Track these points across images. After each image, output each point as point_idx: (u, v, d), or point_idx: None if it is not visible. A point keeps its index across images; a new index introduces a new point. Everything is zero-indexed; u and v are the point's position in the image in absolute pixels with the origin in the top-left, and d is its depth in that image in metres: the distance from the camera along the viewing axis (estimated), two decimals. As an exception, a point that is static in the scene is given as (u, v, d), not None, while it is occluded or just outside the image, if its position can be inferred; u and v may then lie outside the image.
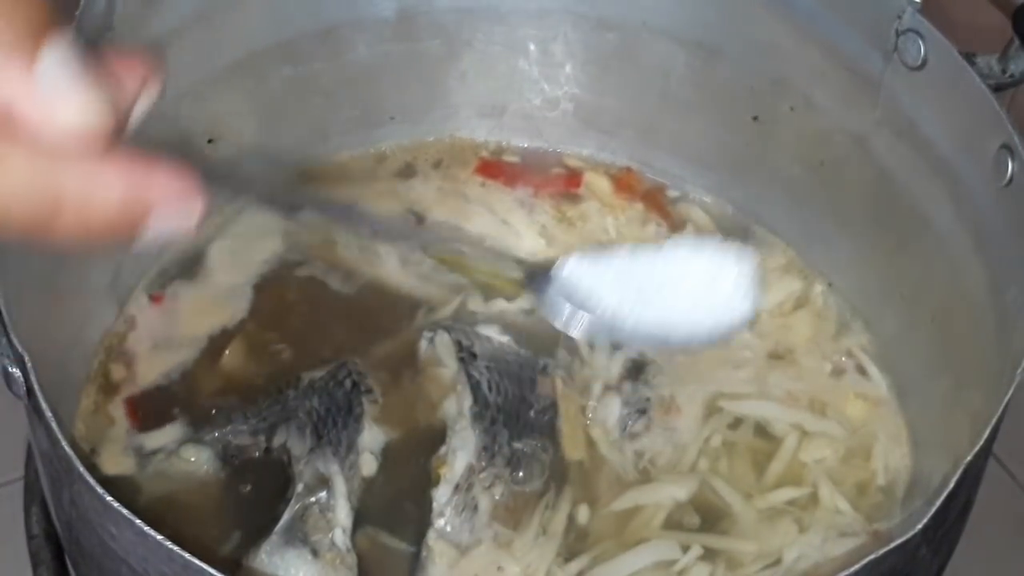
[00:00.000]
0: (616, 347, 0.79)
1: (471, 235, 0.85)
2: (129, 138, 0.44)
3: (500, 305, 0.81)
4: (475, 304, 0.81)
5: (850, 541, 0.71)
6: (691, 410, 0.76)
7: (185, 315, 0.79)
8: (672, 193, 0.90)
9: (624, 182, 0.90)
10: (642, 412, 0.76)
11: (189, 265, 0.82)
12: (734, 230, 0.88)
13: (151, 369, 0.76)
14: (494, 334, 0.78)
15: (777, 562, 0.70)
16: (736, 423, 0.76)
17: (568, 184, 0.90)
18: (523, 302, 0.80)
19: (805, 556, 0.70)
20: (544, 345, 0.78)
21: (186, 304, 0.80)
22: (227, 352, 0.77)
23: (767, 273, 0.85)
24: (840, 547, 0.71)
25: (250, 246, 0.82)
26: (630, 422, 0.75)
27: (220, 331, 0.79)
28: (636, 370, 0.77)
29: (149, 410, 0.74)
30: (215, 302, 0.80)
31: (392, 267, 0.82)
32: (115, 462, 0.72)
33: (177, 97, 0.79)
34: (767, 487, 0.74)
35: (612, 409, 0.76)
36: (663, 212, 0.88)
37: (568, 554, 0.70)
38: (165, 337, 0.78)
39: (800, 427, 0.76)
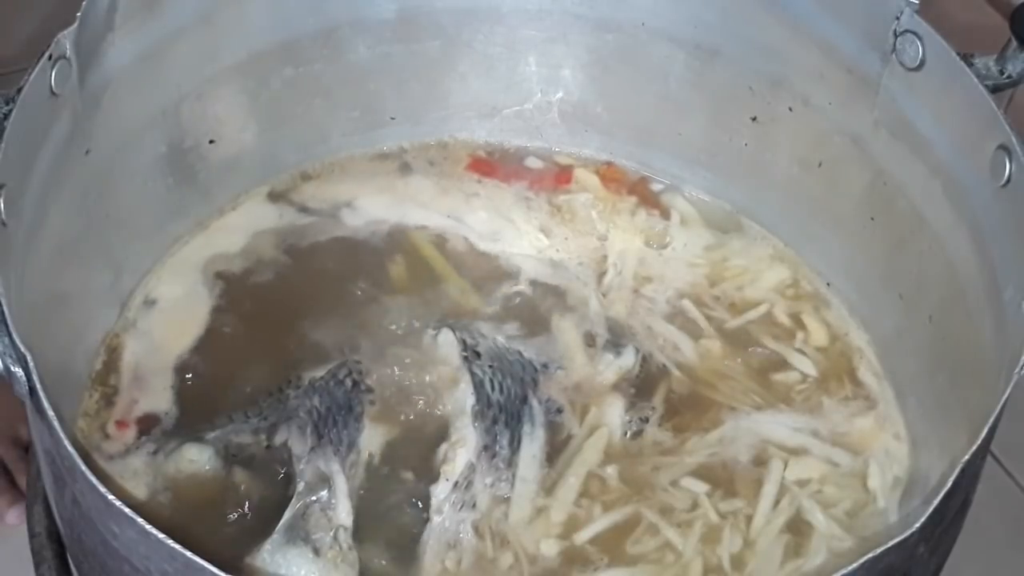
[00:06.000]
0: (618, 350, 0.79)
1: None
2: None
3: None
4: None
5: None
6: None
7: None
8: (656, 186, 0.90)
9: (609, 175, 0.91)
10: (644, 420, 0.76)
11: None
12: (723, 222, 0.88)
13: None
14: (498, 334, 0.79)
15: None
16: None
17: (559, 180, 0.90)
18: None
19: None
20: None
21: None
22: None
23: (756, 262, 0.85)
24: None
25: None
26: (631, 429, 0.76)
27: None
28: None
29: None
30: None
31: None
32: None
33: (178, 98, 0.80)
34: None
35: (615, 411, 0.76)
36: (652, 202, 0.89)
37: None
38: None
39: (805, 450, 0.76)
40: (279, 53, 0.84)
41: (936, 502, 0.55)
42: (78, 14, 0.66)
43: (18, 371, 0.56)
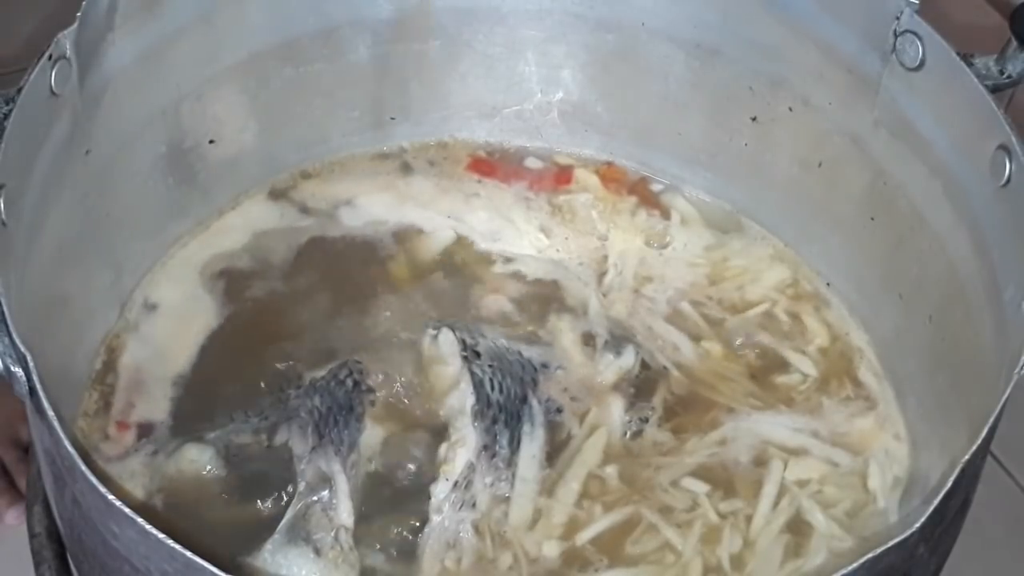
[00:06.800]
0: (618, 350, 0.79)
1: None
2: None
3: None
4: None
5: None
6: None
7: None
8: (656, 186, 0.90)
9: (609, 175, 0.91)
10: (644, 421, 0.76)
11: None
12: (723, 222, 0.89)
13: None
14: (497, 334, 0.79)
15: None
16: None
17: (559, 180, 0.91)
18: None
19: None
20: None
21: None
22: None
23: (756, 262, 0.86)
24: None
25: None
26: (631, 430, 0.76)
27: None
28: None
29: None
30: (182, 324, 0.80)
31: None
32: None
33: (178, 98, 0.80)
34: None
35: (614, 411, 0.76)
36: (652, 202, 0.89)
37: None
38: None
39: (805, 450, 0.76)
40: (279, 53, 0.84)
41: (936, 502, 0.54)
42: (78, 14, 0.66)
43: (18, 371, 0.56)
